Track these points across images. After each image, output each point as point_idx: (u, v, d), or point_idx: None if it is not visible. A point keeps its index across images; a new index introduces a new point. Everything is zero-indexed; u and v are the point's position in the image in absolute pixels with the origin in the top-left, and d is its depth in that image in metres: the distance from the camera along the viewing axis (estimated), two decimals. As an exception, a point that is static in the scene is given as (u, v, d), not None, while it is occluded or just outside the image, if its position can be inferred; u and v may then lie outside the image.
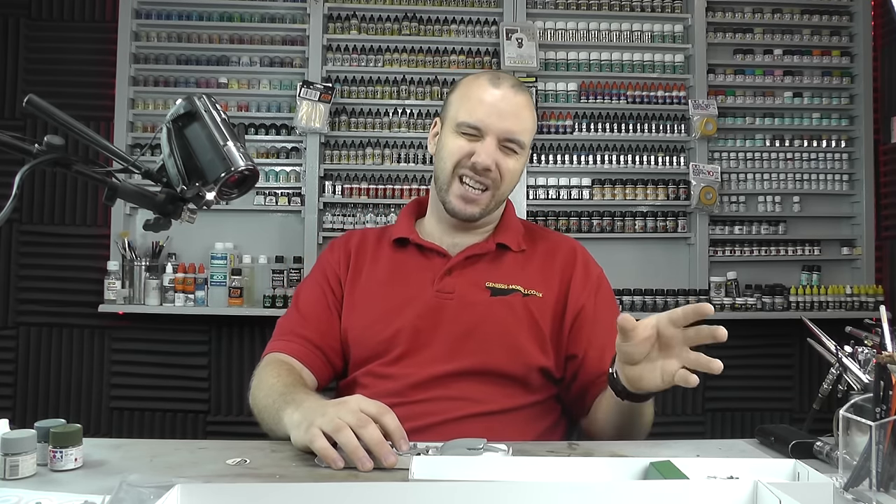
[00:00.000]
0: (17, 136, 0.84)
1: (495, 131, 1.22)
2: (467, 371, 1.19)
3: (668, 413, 3.07)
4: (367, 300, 1.27)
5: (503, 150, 1.23)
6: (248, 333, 3.00)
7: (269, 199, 3.00)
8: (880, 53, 3.21)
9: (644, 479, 0.81)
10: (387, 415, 0.93)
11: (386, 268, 1.30)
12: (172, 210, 0.92)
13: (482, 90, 1.24)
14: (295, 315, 1.29)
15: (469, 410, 1.17)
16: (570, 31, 3.16)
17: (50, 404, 2.94)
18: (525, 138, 1.25)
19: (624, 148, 3.14)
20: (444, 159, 1.26)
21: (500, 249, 1.30)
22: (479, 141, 1.22)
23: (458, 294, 1.24)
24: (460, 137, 1.23)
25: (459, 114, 1.24)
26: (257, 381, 1.17)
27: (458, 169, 1.23)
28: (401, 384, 1.19)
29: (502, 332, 1.21)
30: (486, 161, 1.20)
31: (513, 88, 1.25)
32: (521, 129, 1.23)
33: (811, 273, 3.14)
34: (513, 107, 1.23)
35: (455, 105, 1.27)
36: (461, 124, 1.23)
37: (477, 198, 1.24)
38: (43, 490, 0.82)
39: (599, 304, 1.27)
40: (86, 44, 3.01)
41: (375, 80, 3.10)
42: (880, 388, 0.82)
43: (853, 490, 0.82)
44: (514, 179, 1.27)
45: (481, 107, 1.22)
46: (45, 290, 2.95)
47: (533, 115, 1.28)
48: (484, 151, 1.21)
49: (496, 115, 1.21)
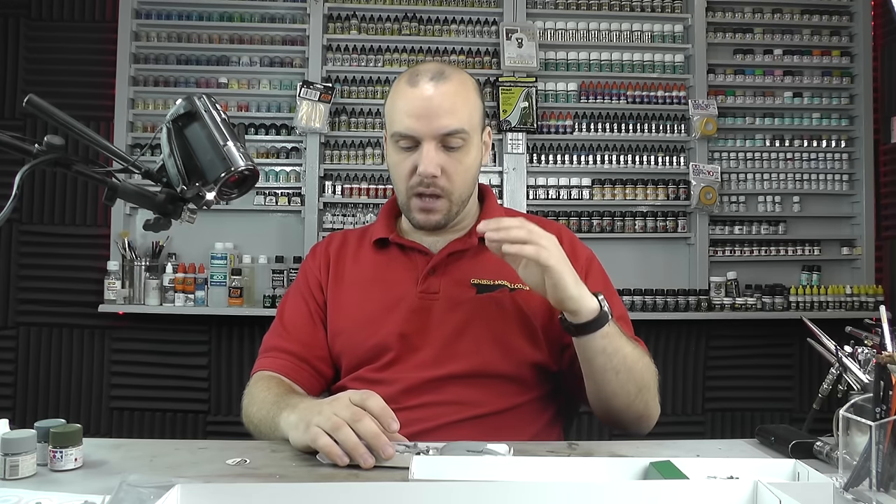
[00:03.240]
0: (17, 136, 0.84)
1: (429, 134, 1.15)
2: (459, 374, 1.17)
3: (668, 413, 3.07)
4: (352, 304, 1.25)
5: (446, 149, 1.17)
6: (248, 333, 3.00)
7: (269, 199, 3.00)
8: (880, 53, 3.21)
9: (644, 479, 0.81)
10: (371, 398, 0.93)
11: (368, 269, 1.28)
12: (172, 210, 0.92)
13: (402, 95, 1.18)
14: (279, 329, 1.28)
15: (464, 414, 1.15)
16: (570, 31, 3.16)
17: (50, 404, 2.94)
18: (465, 125, 1.17)
19: (624, 148, 3.14)
20: (396, 180, 1.23)
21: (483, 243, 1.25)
22: (417, 149, 1.17)
23: (443, 294, 1.22)
24: (401, 152, 1.19)
25: (392, 125, 1.20)
26: (248, 398, 1.16)
27: (410, 189, 1.20)
28: (394, 389, 1.16)
29: (492, 332, 1.19)
30: (429, 169, 1.15)
31: (432, 81, 1.16)
32: (456, 120, 1.16)
33: (811, 273, 3.14)
34: (439, 100, 1.15)
35: (388, 115, 1.22)
36: (394, 136, 1.18)
37: (433, 206, 1.20)
38: (43, 490, 0.82)
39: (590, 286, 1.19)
40: (86, 44, 3.01)
41: (375, 80, 3.10)
42: (880, 388, 0.82)
43: (853, 490, 0.82)
44: (467, 175, 1.21)
45: (408, 111, 1.16)
46: (45, 290, 2.95)
47: (468, 96, 1.19)
48: (425, 159, 1.15)
49: (425, 117, 1.15)
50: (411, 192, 1.20)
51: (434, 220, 1.22)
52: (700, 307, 2.97)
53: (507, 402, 1.18)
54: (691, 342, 3.11)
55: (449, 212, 1.22)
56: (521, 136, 3.05)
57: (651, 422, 1.18)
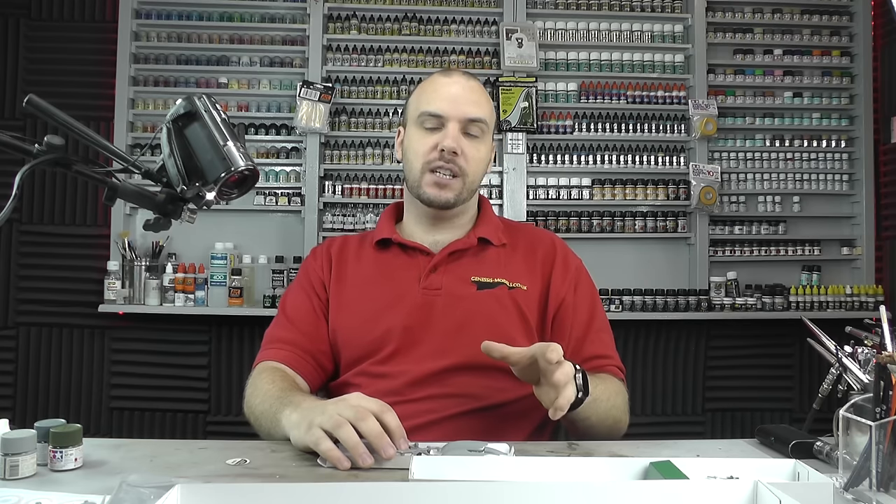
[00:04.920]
0: (17, 136, 0.84)
1: (456, 116, 1.25)
2: (462, 366, 1.20)
3: (669, 413, 3.07)
4: (355, 300, 1.28)
5: (467, 136, 1.27)
6: (248, 333, 3.00)
7: (269, 199, 3.00)
8: (880, 53, 3.21)
9: (644, 479, 0.81)
10: (387, 413, 0.93)
11: (371, 268, 1.31)
12: (172, 210, 0.92)
13: (436, 83, 1.30)
14: (282, 322, 1.30)
15: (468, 406, 1.18)
16: (570, 31, 3.16)
17: (50, 404, 2.94)
18: (487, 118, 1.29)
19: (624, 148, 3.14)
20: (412, 158, 1.30)
21: (482, 244, 1.32)
22: (441, 130, 1.26)
23: (445, 290, 1.25)
24: (424, 132, 1.27)
25: (420, 106, 1.29)
26: (252, 389, 1.17)
27: (427, 164, 1.26)
28: (398, 382, 1.19)
29: (492, 325, 1.22)
30: (453, 144, 1.24)
31: (464, 76, 1.30)
32: (480, 110, 1.27)
33: (811, 273, 3.14)
34: (468, 92, 1.28)
35: (414, 104, 1.32)
36: (423, 115, 1.27)
37: (448, 182, 1.26)
38: (43, 490, 0.82)
39: (579, 298, 1.29)
40: (86, 44, 3.01)
41: (375, 80, 3.10)
42: (880, 388, 0.82)
43: (853, 490, 0.82)
44: (481, 165, 1.30)
45: (439, 96, 1.27)
46: (45, 290, 2.95)
47: (489, 101, 1.32)
48: (449, 136, 1.24)
49: (454, 101, 1.26)
50: (427, 167, 1.26)
51: (445, 197, 1.27)
52: (700, 307, 2.97)
53: (508, 395, 1.20)
54: (691, 342, 3.11)
55: (460, 193, 1.28)
56: (521, 136, 3.05)
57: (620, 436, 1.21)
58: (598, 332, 1.27)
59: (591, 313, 1.29)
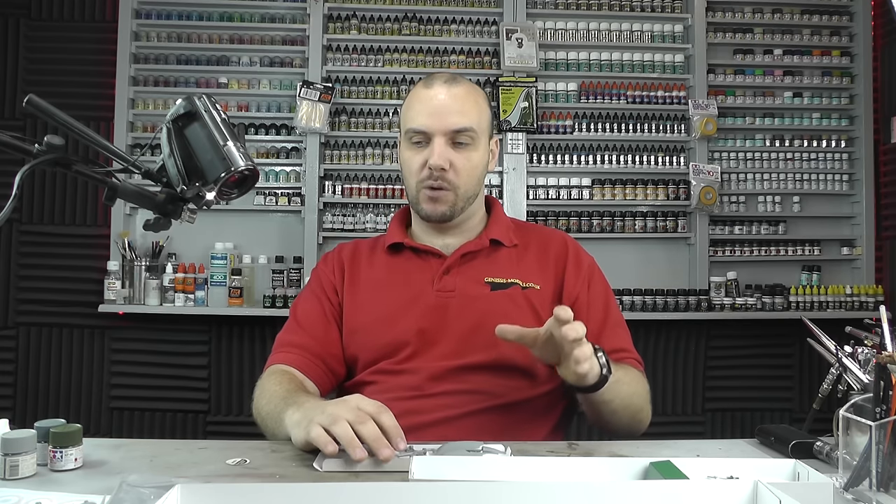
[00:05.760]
0: (17, 136, 0.84)
1: (441, 129, 1.24)
2: (479, 365, 1.21)
3: (669, 413, 3.07)
4: (369, 302, 1.29)
5: (455, 146, 1.25)
6: (248, 333, 3.00)
7: (269, 199, 3.00)
8: (880, 53, 3.21)
9: (644, 479, 0.81)
10: (384, 413, 0.93)
11: (383, 271, 1.32)
12: (172, 210, 0.92)
13: (419, 95, 1.28)
14: (293, 326, 1.30)
15: (486, 403, 1.19)
16: (570, 31, 3.16)
17: (50, 404, 2.94)
18: (475, 125, 1.26)
19: (624, 148, 3.14)
20: (406, 175, 1.30)
21: (494, 246, 1.32)
22: (429, 146, 1.25)
23: (459, 291, 1.26)
24: (413, 148, 1.27)
25: (406, 123, 1.28)
26: (260, 390, 1.18)
27: (420, 182, 1.27)
28: (418, 378, 1.20)
29: (507, 324, 1.22)
30: (439, 161, 1.23)
31: (446, 84, 1.27)
32: (465, 119, 1.25)
33: (811, 273, 3.14)
34: (451, 100, 1.25)
35: (402, 118, 1.31)
36: (408, 132, 1.27)
37: (441, 196, 1.26)
38: (43, 490, 0.82)
39: (592, 295, 1.30)
40: (86, 44, 3.01)
41: (375, 80, 3.10)
42: (880, 388, 0.82)
43: (853, 490, 0.82)
44: (474, 174, 1.28)
45: (422, 109, 1.26)
46: (45, 290, 2.95)
47: (478, 100, 1.29)
48: (435, 153, 1.23)
49: (437, 115, 1.24)
50: (421, 185, 1.27)
51: (440, 211, 1.27)
52: (700, 307, 2.97)
53: (524, 393, 1.22)
54: (691, 342, 3.10)
55: (454, 205, 1.27)
56: (521, 136, 3.05)
57: (643, 429, 1.24)
58: (613, 328, 1.28)
59: (606, 310, 1.29)
